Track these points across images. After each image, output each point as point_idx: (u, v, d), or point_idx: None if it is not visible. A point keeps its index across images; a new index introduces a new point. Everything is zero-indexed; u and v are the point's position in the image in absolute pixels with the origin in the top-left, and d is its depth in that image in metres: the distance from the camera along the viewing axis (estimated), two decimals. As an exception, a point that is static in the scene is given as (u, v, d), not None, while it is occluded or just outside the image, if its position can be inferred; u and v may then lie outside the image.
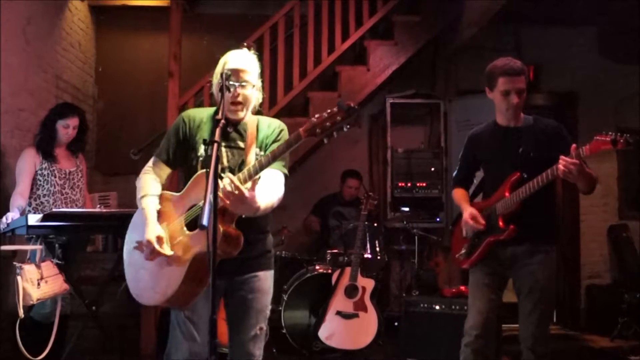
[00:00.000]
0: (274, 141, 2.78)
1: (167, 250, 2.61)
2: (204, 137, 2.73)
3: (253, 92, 2.77)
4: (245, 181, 2.46)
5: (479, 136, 3.49)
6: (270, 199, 2.61)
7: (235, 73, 2.68)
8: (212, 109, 2.86)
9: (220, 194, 2.37)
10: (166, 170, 2.84)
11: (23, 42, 5.16)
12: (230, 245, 2.54)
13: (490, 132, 3.42)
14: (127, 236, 2.88)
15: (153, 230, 2.62)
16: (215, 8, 7.02)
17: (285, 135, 2.83)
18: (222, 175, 2.60)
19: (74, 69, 6.36)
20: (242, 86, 2.70)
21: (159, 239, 2.60)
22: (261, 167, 2.48)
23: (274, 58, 5.84)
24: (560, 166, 2.90)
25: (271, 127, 2.83)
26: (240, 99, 2.70)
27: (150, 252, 2.60)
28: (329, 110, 2.36)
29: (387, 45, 6.01)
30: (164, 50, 5.64)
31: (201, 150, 2.72)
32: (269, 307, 2.86)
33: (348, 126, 2.34)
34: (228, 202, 2.39)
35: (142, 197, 2.73)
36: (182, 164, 2.85)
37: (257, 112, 2.91)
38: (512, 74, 3.19)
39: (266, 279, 2.81)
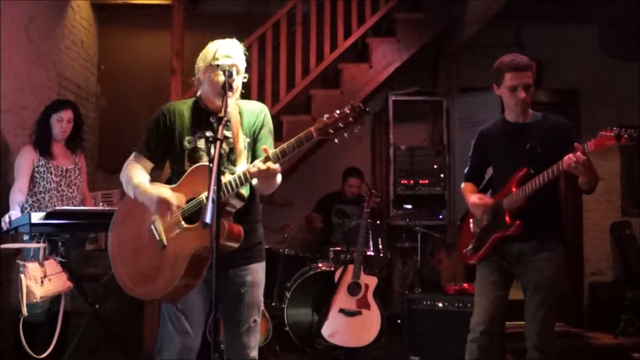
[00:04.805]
0: (261, 127, 2.80)
1: (182, 200, 2.59)
2: (184, 128, 2.73)
3: (240, 81, 2.75)
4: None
5: (487, 133, 3.50)
6: (280, 177, 2.68)
7: (228, 60, 2.68)
8: (190, 100, 2.84)
9: (252, 170, 2.45)
10: (148, 165, 2.79)
11: (25, 40, 5.17)
12: (232, 239, 2.56)
13: (499, 129, 3.42)
14: (114, 229, 2.83)
15: (162, 189, 2.59)
16: (218, 5, 7.02)
17: (268, 118, 2.85)
18: (224, 170, 2.62)
19: (76, 66, 6.37)
20: (233, 65, 2.69)
21: (170, 197, 2.57)
22: (284, 155, 2.48)
23: (277, 56, 5.85)
24: (566, 159, 2.90)
25: (254, 112, 2.83)
26: (234, 84, 2.66)
27: (168, 208, 2.55)
28: (339, 111, 2.38)
29: (390, 43, 6.01)
30: (166, 47, 5.64)
31: (185, 142, 2.71)
32: (262, 299, 2.86)
33: (358, 127, 2.39)
34: (264, 180, 2.50)
35: (131, 179, 2.68)
36: (164, 158, 2.83)
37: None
38: (519, 69, 3.19)
39: (258, 271, 2.81)
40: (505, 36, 6.83)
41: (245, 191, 2.62)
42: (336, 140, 2.42)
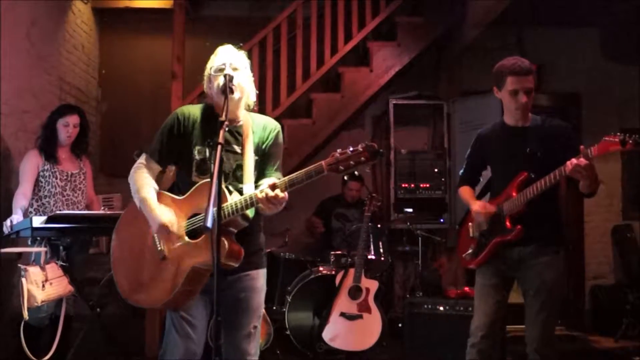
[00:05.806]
0: (271, 145, 2.80)
1: (181, 231, 2.61)
2: (197, 136, 2.72)
3: (245, 82, 2.75)
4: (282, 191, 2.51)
5: (486, 136, 3.48)
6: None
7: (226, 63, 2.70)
8: (202, 106, 2.83)
9: (259, 195, 2.46)
10: (157, 170, 2.79)
11: (27, 44, 5.18)
12: (232, 258, 2.57)
13: (498, 132, 3.41)
14: (119, 232, 2.84)
15: (165, 214, 2.61)
16: (218, 10, 7.03)
17: (280, 137, 2.85)
18: (230, 189, 2.63)
19: (77, 71, 6.37)
20: (235, 69, 2.70)
21: (171, 223, 2.60)
22: (292, 185, 2.52)
23: (277, 60, 5.86)
24: (569, 164, 2.89)
25: (267, 129, 2.82)
26: (234, 81, 2.64)
27: (168, 235, 2.60)
28: (352, 149, 2.40)
29: (390, 47, 6.01)
30: (167, 52, 5.65)
31: (195, 152, 2.70)
32: (263, 305, 2.85)
33: (369, 167, 2.42)
34: (271, 206, 2.51)
35: (139, 189, 2.68)
36: (173, 163, 2.84)
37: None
38: (520, 74, 3.18)
39: (259, 277, 2.80)
40: (506, 39, 6.82)
41: (250, 212, 2.63)
42: (345, 178, 2.46)
